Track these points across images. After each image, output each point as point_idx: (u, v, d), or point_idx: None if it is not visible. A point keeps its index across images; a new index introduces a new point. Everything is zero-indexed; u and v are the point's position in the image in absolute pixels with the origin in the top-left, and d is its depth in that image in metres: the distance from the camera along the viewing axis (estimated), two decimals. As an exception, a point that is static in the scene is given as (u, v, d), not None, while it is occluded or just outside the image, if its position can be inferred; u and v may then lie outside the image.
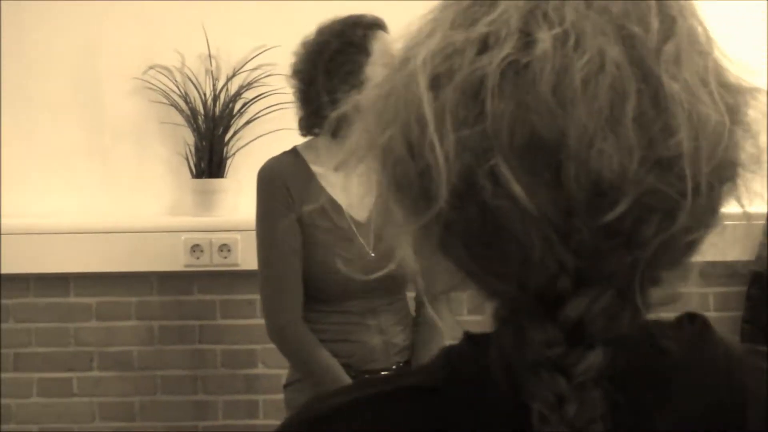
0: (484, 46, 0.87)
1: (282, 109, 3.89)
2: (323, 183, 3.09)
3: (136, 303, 4.19)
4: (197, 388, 4.21)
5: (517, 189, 0.84)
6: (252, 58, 4.22)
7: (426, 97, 0.88)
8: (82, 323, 4.18)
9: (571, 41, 0.86)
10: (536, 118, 0.85)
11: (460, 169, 0.86)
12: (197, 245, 4.10)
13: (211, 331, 4.20)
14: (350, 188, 3.26)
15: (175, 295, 4.19)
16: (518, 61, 0.86)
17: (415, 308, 3.25)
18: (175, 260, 4.12)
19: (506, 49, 0.86)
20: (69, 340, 4.18)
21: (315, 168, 3.10)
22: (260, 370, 4.20)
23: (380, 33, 3.06)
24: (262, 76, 4.19)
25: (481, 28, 0.88)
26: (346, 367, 3.05)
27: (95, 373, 4.20)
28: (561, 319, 0.87)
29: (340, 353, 3.06)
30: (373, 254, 3.06)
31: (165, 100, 4.22)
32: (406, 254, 1.00)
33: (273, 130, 4.04)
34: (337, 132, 2.98)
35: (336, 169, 1.01)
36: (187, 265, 4.12)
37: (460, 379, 0.94)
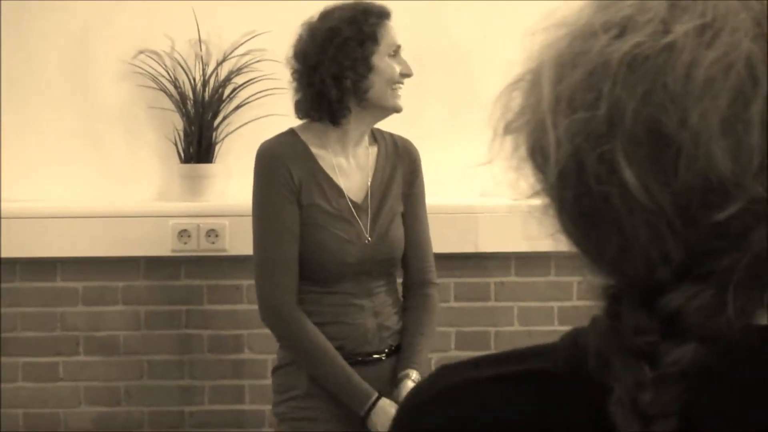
0: (622, 30, 0.87)
1: (272, 94, 3.91)
2: (322, 164, 3.12)
3: (123, 288, 4.18)
4: (184, 373, 4.21)
5: (629, 176, 0.85)
6: (242, 44, 4.21)
7: (548, 79, 0.90)
8: (69, 308, 4.18)
9: (707, 36, 0.84)
10: (658, 110, 0.84)
11: (571, 151, 0.87)
12: (185, 230, 4.09)
13: (198, 316, 4.20)
14: (349, 171, 3.30)
15: (163, 280, 4.18)
16: (649, 50, 0.85)
17: (403, 293, 3.26)
18: (162, 245, 4.11)
19: (639, 36, 0.86)
20: (55, 324, 4.17)
21: (314, 149, 3.13)
22: (247, 355, 4.19)
23: (388, 23, 3.15)
24: (252, 61, 4.19)
25: (624, 11, 0.88)
26: (339, 349, 3.08)
27: (81, 358, 4.19)
28: (657, 310, 0.87)
29: (334, 336, 3.08)
30: (369, 238, 3.08)
31: (154, 85, 4.22)
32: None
33: (262, 115, 4.05)
34: (338, 120, 3.07)
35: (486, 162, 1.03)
36: (174, 250, 4.11)
37: (581, 363, 0.93)
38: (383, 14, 3.15)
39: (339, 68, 3.07)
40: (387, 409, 3.03)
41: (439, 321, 4.02)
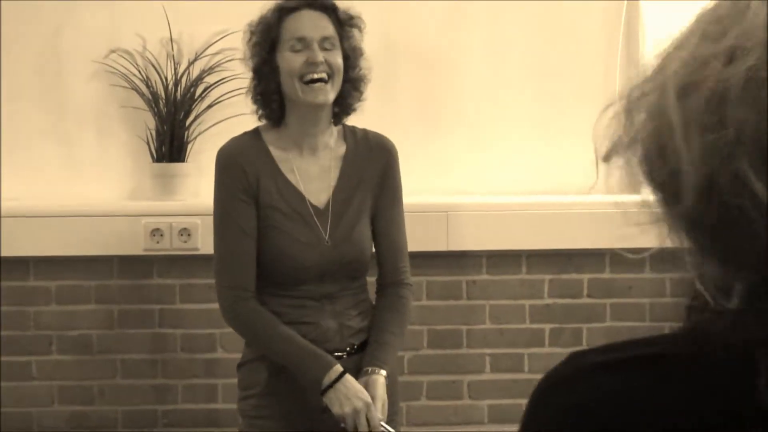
0: (731, 57, 0.94)
1: (243, 93, 3.87)
2: (282, 167, 3.12)
3: (96, 287, 4.18)
4: (157, 372, 4.21)
5: (760, 189, 0.92)
6: (213, 43, 4.22)
7: (674, 105, 0.97)
8: (42, 307, 4.17)
9: None
10: None
11: (706, 171, 0.95)
12: (157, 229, 4.09)
13: (171, 315, 4.20)
14: (311, 173, 3.29)
15: (135, 279, 4.18)
16: (761, 73, 0.93)
17: (376, 291, 3.25)
18: (135, 244, 4.11)
19: (750, 60, 0.93)
20: (29, 323, 4.17)
21: (274, 151, 3.13)
22: (220, 354, 4.20)
23: (291, 16, 3.12)
24: (224, 60, 4.19)
25: (728, 41, 0.96)
26: None
27: (55, 357, 4.19)
28: None
29: (296, 333, 3.07)
30: (329, 241, 3.07)
31: (126, 84, 4.22)
32: None
33: (234, 114, 4.01)
34: (275, 121, 3.12)
35: (604, 160, 1.11)
36: (147, 249, 4.11)
37: (715, 350, 0.99)
38: (285, 9, 3.12)
39: (256, 70, 3.13)
40: (352, 385, 2.99)
41: (412, 319, 4.04)
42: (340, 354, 3.10)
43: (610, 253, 4.24)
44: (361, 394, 2.98)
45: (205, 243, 4.04)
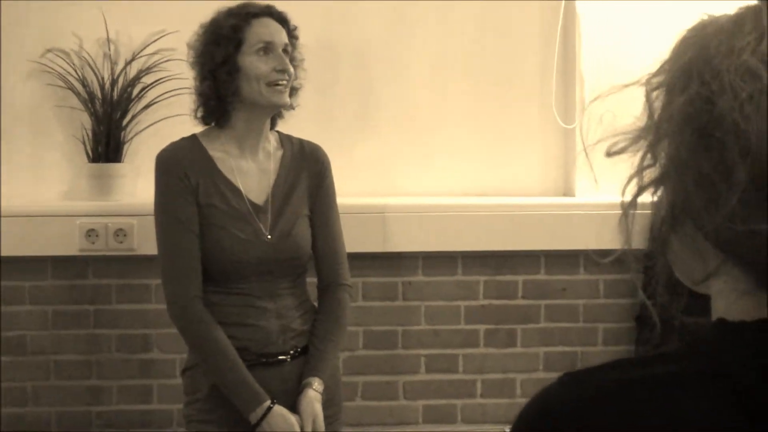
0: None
1: (180, 94, 3.89)
2: (221, 167, 3.15)
3: (31, 287, 4.15)
4: (91, 373, 4.18)
5: None
6: (151, 43, 4.21)
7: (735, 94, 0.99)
8: (-25, 307, 4.13)
9: None
10: None
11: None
12: (93, 230, 4.07)
13: (107, 315, 4.17)
14: (250, 173, 3.32)
15: (70, 279, 4.15)
16: None
17: (318, 295, 3.28)
18: (70, 245, 4.08)
19: None
20: (-39, 324, 4.12)
21: (213, 153, 3.17)
22: (155, 355, 4.18)
23: (257, 21, 3.16)
24: (161, 61, 4.19)
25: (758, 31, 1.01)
26: (244, 350, 3.09)
27: (-12, 358, 4.15)
28: None
29: (237, 336, 3.09)
30: (269, 237, 3.09)
31: (62, 84, 4.19)
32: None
33: (171, 115, 4.05)
34: (221, 122, 3.17)
35: (611, 154, 1.11)
36: (82, 250, 4.09)
37: (754, 362, 1.00)
38: (251, 14, 3.17)
39: (210, 71, 3.15)
40: (282, 416, 3.04)
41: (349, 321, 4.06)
42: (283, 357, 3.13)
43: (545, 255, 4.26)
44: (289, 424, 3.03)
45: (141, 244, 4.03)
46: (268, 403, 3.04)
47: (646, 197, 1.08)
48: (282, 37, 3.16)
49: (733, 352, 1.01)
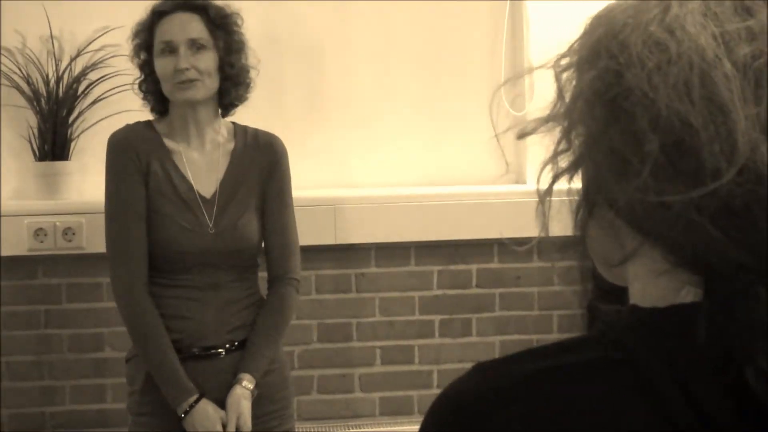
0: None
1: (127, 90, 3.84)
2: (173, 155, 3.16)
3: (-20, 288, 4.10)
4: (44, 374, 4.15)
5: None
6: (94, 39, 4.17)
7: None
8: (-76, 310, 4.08)
9: None
10: None
11: (749, 145, 0.95)
12: (41, 229, 4.03)
13: (57, 315, 4.14)
14: (199, 164, 3.30)
15: (20, 279, 4.11)
16: None
17: (268, 288, 3.25)
18: (18, 245, 4.04)
19: None
20: None
21: (167, 141, 3.18)
22: (108, 353, 4.15)
23: (164, 20, 3.17)
24: (107, 57, 4.15)
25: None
26: (178, 342, 3.08)
27: (-62, 361, 4.10)
28: None
29: (173, 329, 3.09)
30: (213, 229, 3.08)
31: (7, 82, 4.14)
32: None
33: (118, 111, 4.00)
34: (158, 113, 3.21)
35: (522, 136, 1.11)
36: (31, 249, 4.05)
37: (658, 348, 0.99)
38: (159, 13, 3.18)
39: (139, 70, 3.23)
40: (205, 411, 3.03)
41: (301, 314, 4.05)
42: (218, 351, 3.11)
43: (498, 243, 4.26)
44: (211, 421, 3.02)
45: (90, 242, 4.00)
46: (194, 397, 3.03)
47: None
48: (188, 31, 3.15)
49: (639, 340, 1.00)
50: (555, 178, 1.07)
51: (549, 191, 1.07)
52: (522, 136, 1.09)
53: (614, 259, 1.06)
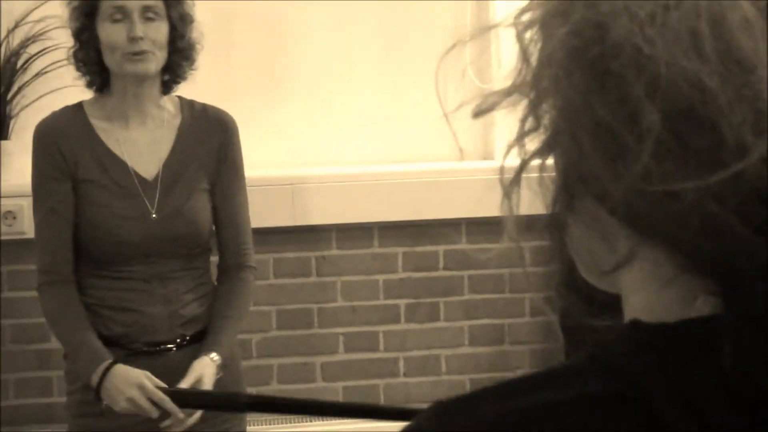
0: None
1: (69, 64, 3.68)
2: (104, 137, 2.94)
3: None
4: (-14, 367, 4.01)
5: None
6: (33, 10, 4.00)
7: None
8: None
9: None
10: None
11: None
12: (-21, 213, 3.89)
13: (-1, 304, 4.01)
14: (139, 145, 3.03)
15: (-42, 267, 3.98)
16: None
17: (217, 277, 3.06)
18: (-44, 230, 3.89)
19: None
20: None
21: (96, 122, 2.96)
22: (54, 344, 3.94)
23: None
24: (48, 28, 3.98)
25: None
26: (125, 337, 2.88)
27: None
28: None
29: (119, 323, 2.89)
30: (155, 215, 2.88)
31: (-60, 57, 3.97)
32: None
33: (61, 87, 3.78)
34: (99, 88, 2.97)
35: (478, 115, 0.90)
36: (-32, 235, 3.90)
37: (672, 376, 0.79)
38: None
39: (74, 37, 2.96)
40: (124, 371, 2.80)
41: (259, 299, 3.96)
42: (170, 346, 2.91)
43: (466, 223, 4.17)
44: (132, 378, 2.79)
45: (31, 227, 3.74)
46: (108, 362, 2.80)
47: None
48: None
49: (645, 367, 0.79)
50: (522, 166, 0.87)
51: (516, 181, 0.87)
52: (478, 114, 0.89)
53: (604, 265, 0.85)
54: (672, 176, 0.75)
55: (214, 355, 2.86)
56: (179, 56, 2.97)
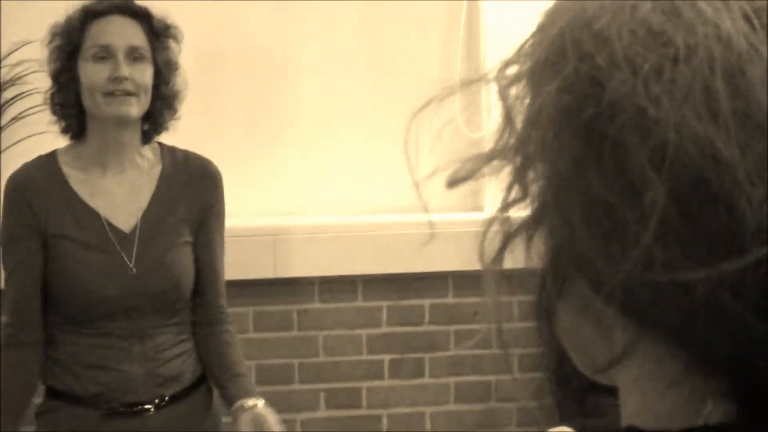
0: None
1: (46, 108, 3.61)
2: (78, 189, 2.84)
3: None
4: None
5: None
6: (10, 53, 3.93)
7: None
8: None
9: None
10: None
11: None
12: (-47, 261, 3.74)
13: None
14: (116, 195, 2.88)
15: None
16: None
17: (195, 331, 2.96)
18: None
19: None
20: None
21: (71, 172, 2.86)
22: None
23: (97, 21, 2.83)
24: (25, 72, 3.89)
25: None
26: (99, 396, 2.78)
27: None
28: None
29: (93, 380, 2.78)
30: (134, 269, 2.76)
31: None
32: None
33: (37, 132, 3.69)
34: (74, 134, 2.88)
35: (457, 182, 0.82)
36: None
37: None
38: (92, 13, 2.83)
39: (54, 77, 2.86)
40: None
41: None
42: (148, 407, 2.80)
43: (453, 276, 4.12)
44: None
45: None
46: None
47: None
48: (127, 38, 2.80)
49: None
50: (505, 242, 0.77)
51: (498, 260, 0.78)
52: (453, 184, 0.80)
53: (598, 359, 0.75)
54: (679, 263, 0.64)
55: (261, 402, 2.83)
56: (162, 103, 2.86)
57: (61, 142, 2.95)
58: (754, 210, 0.63)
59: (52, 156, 2.88)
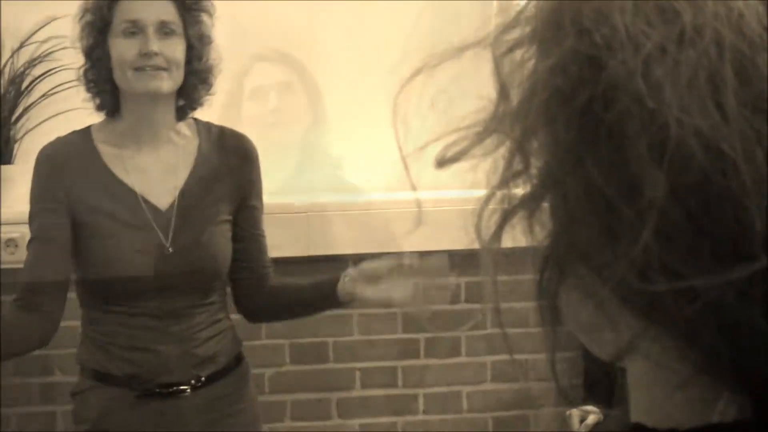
0: None
1: (77, 85, 3.57)
2: (112, 165, 2.79)
3: None
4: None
5: None
6: (38, 30, 3.88)
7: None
8: None
9: None
10: None
11: None
12: (-20, 240, 3.77)
13: (1, 336, 3.84)
14: (152, 172, 2.85)
15: (-41, 296, 3.83)
16: None
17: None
18: (-43, 258, 3.77)
19: None
20: None
21: (105, 148, 2.81)
22: (57, 377, 3.90)
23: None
24: (54, 49, 3.84)
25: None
26: (135, 378, 2.74)
27: None
28: None
29: (129, 361, 2.75)
30: (171, 248, 2.71)
31: (-58, 78, 3.85)
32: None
33: (66, 109, 3.69)
34: (109, 111, 2.82)
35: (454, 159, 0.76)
36: (-30, 263, 3.77)
37: None
38: None
39: (85, 56, 2.81)
40: None
41: (272, 332, 3.94)
42: (184, 387, 2.76)
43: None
44: None
45: (35, 254, 3.71)
46: None
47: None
48: (157, 12, 2.74)
49: None
50: (503, 220, 0.72)
51: (497, 237, 0.74)
52: (443, 164, 0.76)
53: (607, 348, 0.71)
54: (681, 266, 0.59)
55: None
56: (196, 78, 2.81)
57: (91, 120, 2.91)
58: (762, 211, 0.58)
59: (86, 131, 2.84)
